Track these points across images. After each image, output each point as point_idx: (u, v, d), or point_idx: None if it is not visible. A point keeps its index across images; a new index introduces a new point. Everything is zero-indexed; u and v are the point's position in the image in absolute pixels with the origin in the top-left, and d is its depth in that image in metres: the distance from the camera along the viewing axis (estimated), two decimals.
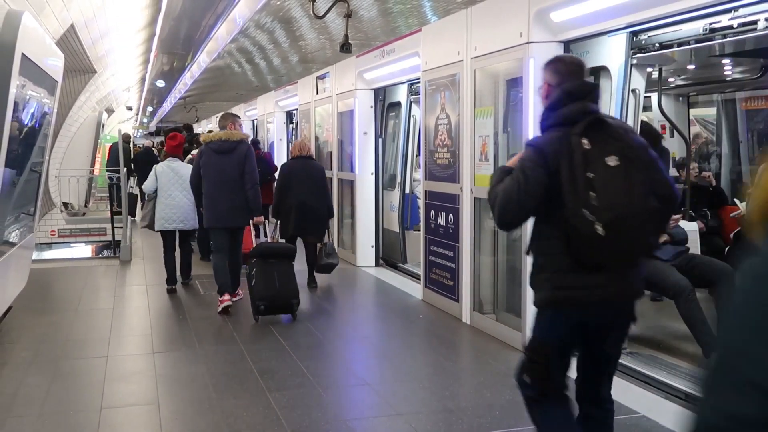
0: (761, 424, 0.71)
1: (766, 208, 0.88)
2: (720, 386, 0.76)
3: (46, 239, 14.80)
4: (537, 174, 2.97)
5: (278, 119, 15.72)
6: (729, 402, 0.75)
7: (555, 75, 3.20)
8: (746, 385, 0.74)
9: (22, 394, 4.98)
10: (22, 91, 5.42)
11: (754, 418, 0.73)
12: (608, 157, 2.87)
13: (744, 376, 0.76)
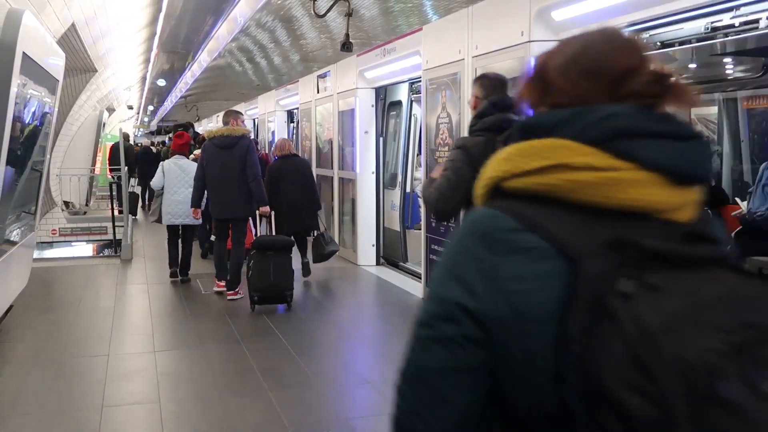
0: (433, 320, 1.13)
1: (487, 189, 1.18)
2: (428, 298, 1.18)
3: (47, 238, 14.80)
4: (463, 172, 3.45)
5: (279, 118, 15.73)
6: (427, 307, 1.17)
7: (481, 89, 3.78)
8: (436, 297, 1.16)
9: (24, 392, 4.98)
10: (23, 90, 5.42)
11: (431, 317, 1.15)
12: None
13: (433, 290, 1.17)
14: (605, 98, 1.15)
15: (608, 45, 1.18)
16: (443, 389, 1.12)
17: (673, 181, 1.12)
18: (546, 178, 1.11)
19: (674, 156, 1.12)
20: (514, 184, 1.14)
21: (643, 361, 0.93)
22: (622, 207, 1.09)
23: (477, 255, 1.12)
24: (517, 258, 1.09)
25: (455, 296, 1.12)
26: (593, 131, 1.11)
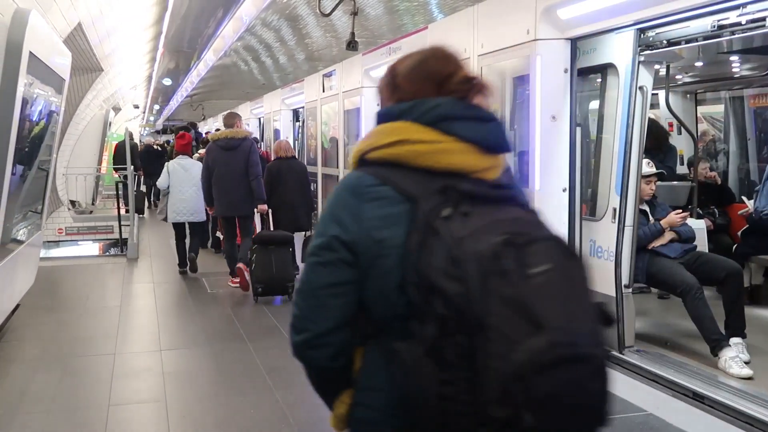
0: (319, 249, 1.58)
1: (356, 159, 1.67)
2: (315, 235, 1.62)
3: (53, 237, 14.85)
4: None
5: (285, 117, 15.72)
6: (315, 241, 1.61)
7: None
8: (320, 234, 1.59)
9: (31, 391, 5.00)
10: (30, 89, 5.44)
11: (317, 248, 1.59)
12: None
13: (318, 229, 1.61)
14: (434, 94, 1.66)
15: (436, 58, 1.72)
16: (326, 299, 1.59)
17: (481, 150, 1.62)
18: (394, 149, 1.61)
19: (480, 133, 1.62)
20: (374, 155, 1.63)
21: (455, 256, 1.41)
22: (447, 168, 1.58)
23: (348, 203, 1.60)
24: (375, 203, 1.58)
25: (334, 232, 1.58)
26: (425, 116, 1.61)
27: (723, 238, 7.11)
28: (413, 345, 1.43)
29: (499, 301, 1.36)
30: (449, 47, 1.77)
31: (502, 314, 1.36)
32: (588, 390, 1.41)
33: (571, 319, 1.41)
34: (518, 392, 1.33)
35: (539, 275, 1.40)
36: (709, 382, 4.74)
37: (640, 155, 5.35)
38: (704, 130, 9.73)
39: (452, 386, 1.37)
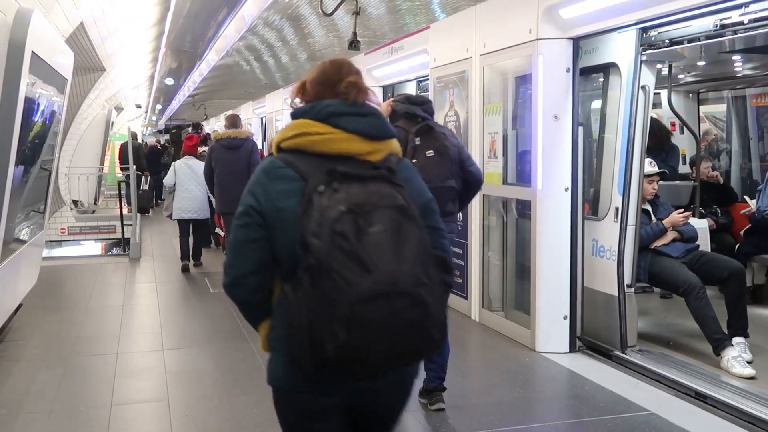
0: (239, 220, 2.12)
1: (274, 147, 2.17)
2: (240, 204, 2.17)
3: (56, 237, 14.85)
4: None
5: (287, 117, 15.74)
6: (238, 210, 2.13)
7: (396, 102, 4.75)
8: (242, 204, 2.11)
9: (33, 390, 5.00)
10: (32, 89, 5.44)
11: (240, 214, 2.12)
12: (428, 151, 4.40)
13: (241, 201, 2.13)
14: (330, 96, 2.16)
15: (331, 67, 2.22)
16: (244, 251, 2.11)
17: (364, 138, 2.11)
18: (297, 140, 2.12)
19: (360, 124, 2.11)
20: (284, 144, 2.15)
21: (318, 221, 1.91)
22: (337, 153, 2.08)
23: (261, 181, 2.12)
24: (279, 181, 2.09)
25: (250, 203, 2.11)
26: (319, 114, 2.12)
27: (725, 237, 7.10)
28: (296, 286, 1.95)
29: (341, 253, 1.88)
30: (345, 59, 2.28)
31: (343, 262, 1.88)
32: (404, 317, 1.91)
33: (395, 266, 1.89)
34: (350, 318, 1.87)
35: (374, 234, 1.91)
36: (712, 381, 4.74)
37: (642, 155, 5.35)
38: (706, 129, 9.72)
39: (314, 313, 1.90)
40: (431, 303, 1.95)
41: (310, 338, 1.91)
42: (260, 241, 2.10)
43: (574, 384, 5.04)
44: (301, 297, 1.92)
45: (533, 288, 5.71)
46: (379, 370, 2.01)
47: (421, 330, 1.96)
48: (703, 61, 7.41)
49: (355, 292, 1.87)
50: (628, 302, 5.38)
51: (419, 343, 1.98)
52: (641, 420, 4.27)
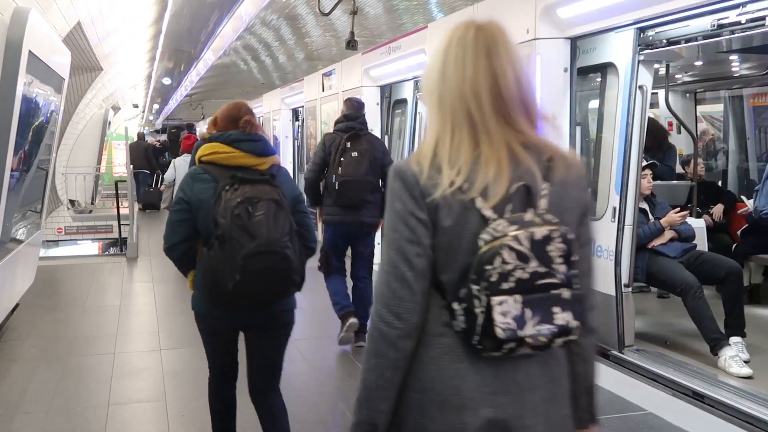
0: None
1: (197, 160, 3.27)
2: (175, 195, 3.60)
3: (53, 236, 14.83)
4: (322, 154, 5.80)
5: (284, 116, 15.73)
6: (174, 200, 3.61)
7: (344, 105, 6.16)
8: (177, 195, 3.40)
9: (30, 390, 5.00)
10: (30, 88, 5.43)
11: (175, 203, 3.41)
12: (353, 152, 5.66)
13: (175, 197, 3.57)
14: (233, 128, 3.26)
15: (234, 108, 3.32)
16: (175, 227, 3.21)
17: (254, 155, 3.20)
18: (211, 156, 3.20)
19: (252, 147, 3.20)
20: (203, 158, 3.21)
21: (224, 208, 2.99)
22: (237, 165, 3.16)
23: (188, 182, 3.18)
24: (200, 182, 3.15)
25: (181, 196, 3.18)
26: (225, 140, 3.21)
27: (723, 237, 7.11)
28: (209, 248, 3.05)
29: (237, 227, 2.97)
30: (244, 103, 3.45)
31: (238, 233, 2.97)
32: (277, 267, 3.03)
33: (270, 235, 2.99)
34: (242, 267, 2.95)
35: (257, 216, 2.99)
36: (709, 381, 4.74)
37: (639, 154, 5.35)
38: (704, 129, 9.73)
39: (221, 264, 3.00)
40: (293, 259, 3.08)
41: (217, 280, 3.02)
42: (186, 221, 3.20)
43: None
44: (213, 255, 3.03)
45: None
46: (261, 301, 3.17)
47: (286, 276, 3.07)
48: (701, 61, 7.42)
49: (245, 250, 2.95)
50: (625, 302, 5.38)
51: (285, 284, 3.10)
52: (639, 419, 4.28)
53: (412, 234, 1.63)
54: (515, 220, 1.59)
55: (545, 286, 1.58)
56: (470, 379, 1.62)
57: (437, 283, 1.66)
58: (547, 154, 1.68)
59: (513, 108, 1.66)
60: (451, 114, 1.69)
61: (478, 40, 1.78)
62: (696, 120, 9.31)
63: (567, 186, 1.68)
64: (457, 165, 1.62)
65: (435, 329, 1.65)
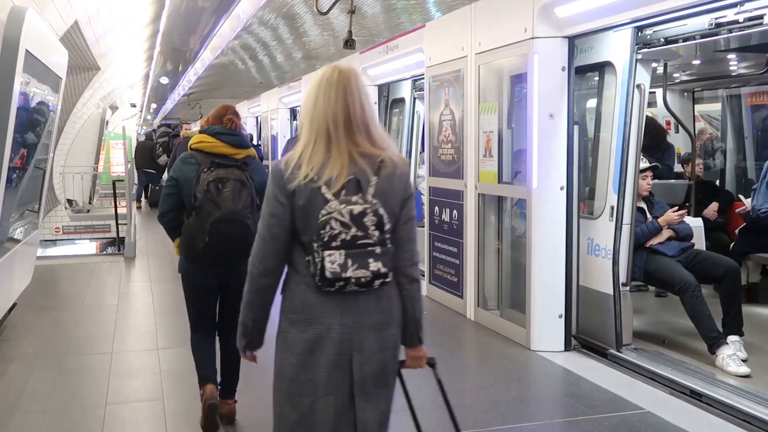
0: None
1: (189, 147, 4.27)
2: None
3: (50, 236, 14.83)
4: None
5: (282, 116, 15.73)
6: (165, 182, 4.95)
7: None
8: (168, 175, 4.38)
9: (28, 390, 4.99)
10: (27, 87, 5.43)
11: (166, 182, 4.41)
12: None
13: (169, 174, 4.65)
14: (219, 124, 4.12)
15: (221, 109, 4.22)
16: (167, 198, 4.08)
17: (231, 146, 4.05)
18: (199, 145, 4.06)
19: (230, 139, 4.05)
20: (192, 146, 4.09)
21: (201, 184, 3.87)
22: (218, 153, 4.01)
23: (178, 164, 4.07)
24: (187, 165, 4.02)
25: (172, 175, 4.08)
26: (210, 132, 4.07)
27: (720, 236, 7.12)
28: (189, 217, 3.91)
29: (208, 200, 3.81)
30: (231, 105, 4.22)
31: (209, 205, 3.80)
32: (237, 232, 3.80)
33: (233, 207, 3.81)
34: (209, 231, 3.79)
35: (225, 191, 3.82)
36: (707, 380, 4.75)
37: (637, 153, 5.36)
38: (701, 128, 9.74)
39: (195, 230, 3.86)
40: (251, 227, 3.70)
41: (193, 241, 3.90)
42: (174, 194, 4.04)
43: (570, 382, 5.04)
44: (190, 222, 3.91)
45: (528, 286, 5.71)
46: (227, 259, 3.93)
47: (245, 239, 3.53)
48: (698, 60, 7.42)
49: (212, 218, 3.79)
50: (623, 301, 5.39)
51: (244, 247, 2.96)
52: (636, 418, 4.28)
53: (274, 210, 2.41)
54: (344, 201, 2.34)
55: (363, 244, 2.35)
56: (324, 305, 2.41)
57: (301, 243, 2.44)
58: (379, 159, 2.44)
59: (357, 128, 2.43)
60: (316, 131, 2.42)
61: (339, 81, 2.44)
62: (694, 119, 9.32)
63: (392, 180, 2.44)
64: (312, 164, 2.39)
65: (301, 272, 2.44)
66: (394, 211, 2.44)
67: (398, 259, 2.49)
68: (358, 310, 2.45)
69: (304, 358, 2.47)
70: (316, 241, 2.34)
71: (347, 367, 2.46)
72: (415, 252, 2.57)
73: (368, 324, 2.47)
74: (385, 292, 2.48)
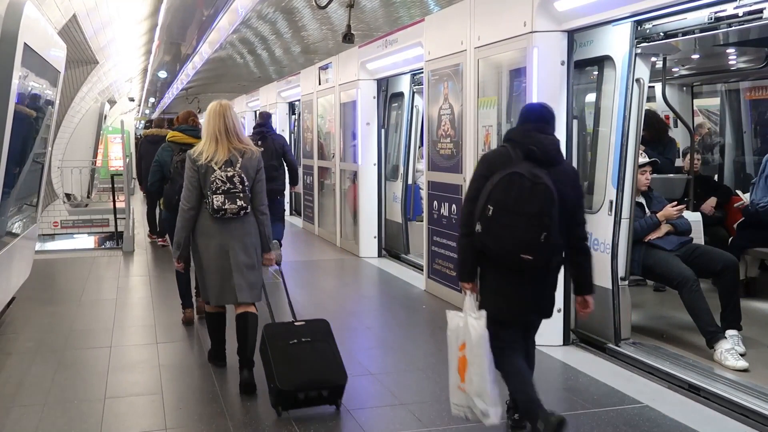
0: None
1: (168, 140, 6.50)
2: None
3: (48, 230, 14.82)
4: None
5: (281, 110, 15.72)
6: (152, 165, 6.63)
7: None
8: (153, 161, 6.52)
9: (27, 383, 4.99)
10: (25, 81, 5.41)
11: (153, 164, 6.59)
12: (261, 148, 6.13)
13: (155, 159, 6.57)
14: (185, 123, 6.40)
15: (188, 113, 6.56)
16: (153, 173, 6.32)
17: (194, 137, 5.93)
18: (173, 138, 6.25)
19: (193, 133, 6.10)
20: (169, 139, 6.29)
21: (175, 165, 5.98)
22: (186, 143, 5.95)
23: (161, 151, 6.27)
24: (165, 151, 6.23)
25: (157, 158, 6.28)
26: (179, 129, 6.30)
27: (719, 230, 7.12)
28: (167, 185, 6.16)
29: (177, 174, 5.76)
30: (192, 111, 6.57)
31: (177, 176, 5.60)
32: None
33: None
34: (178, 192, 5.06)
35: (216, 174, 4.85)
36: (705, 374, 4.76)
37: (636, 148, 5.35)
38: (700, 123, 9.74)
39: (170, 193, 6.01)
40: None
41: (170, 200, 5.95)
42: (158, 171, 6.14)
43: (568, 377, 5.05)
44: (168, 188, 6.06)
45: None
46: None
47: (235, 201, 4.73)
48: (698, 54, 7.42)
49: (178, 185, 5.05)
50: (621, 295, 5.39)
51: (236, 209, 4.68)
52: (635, 412, 4.28)
53: (191, 175, 4.65)
54: (223, 170, 4.58)
55: (233, 192, 4.57)
56: (214, 226, 4.67)
57: (203, 193, 4.63)
58: (243, 150, 4.69)
59: (231, 135, 4.68)
60: (210, 137, 4.67)
61: (220, 110, 4.71)
62: (693, 114, 9.31)
63: (250, 160, 4.69)
64: (208, 153, 4.62)
65: (204, 208, 4.66)
66: (250, 176, 4.69)
67: (254, 201, 4.76)
68: (231, 227, 4.70)
69: (204, 248, 4.77)
70: (209, 191, 4.59)
71: (226, 257, 4.71)
72: (264, 198, 4.81)
73: (236, 235, 4.71)
74: (246, 219, 4.72)
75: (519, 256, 3.58)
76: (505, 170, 3.59)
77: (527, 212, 3.51)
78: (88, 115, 19.23)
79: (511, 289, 3.77)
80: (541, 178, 3.53)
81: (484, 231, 3.61)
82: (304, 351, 4.40)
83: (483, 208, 3.60)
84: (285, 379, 4.22)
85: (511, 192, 3.53)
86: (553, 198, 3.52)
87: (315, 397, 4.33)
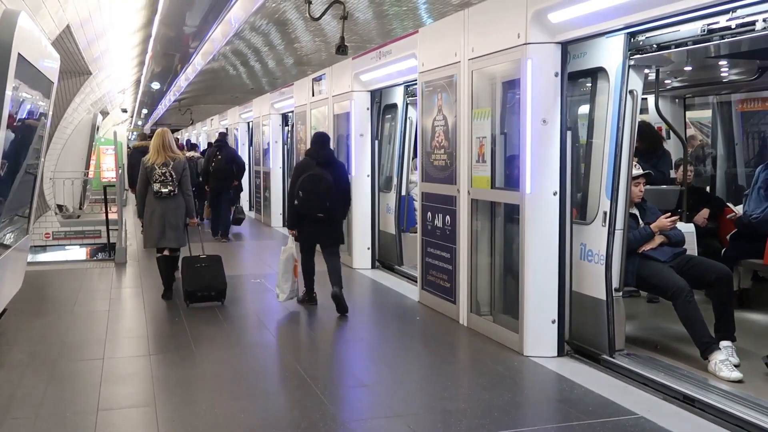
0: None
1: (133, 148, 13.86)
2: None
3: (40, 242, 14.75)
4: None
5: (274, 121, 15.71)
6: None
7: None
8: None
9: (19, 396, 4.95)
10: (18, 92, 5.39)
11: None
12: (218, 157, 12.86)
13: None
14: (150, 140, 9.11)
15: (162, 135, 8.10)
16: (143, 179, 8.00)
17: None
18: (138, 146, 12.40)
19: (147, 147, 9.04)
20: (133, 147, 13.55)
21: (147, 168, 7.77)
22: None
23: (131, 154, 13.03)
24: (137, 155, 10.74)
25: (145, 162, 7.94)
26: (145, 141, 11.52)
27: (712, 241, 7.14)
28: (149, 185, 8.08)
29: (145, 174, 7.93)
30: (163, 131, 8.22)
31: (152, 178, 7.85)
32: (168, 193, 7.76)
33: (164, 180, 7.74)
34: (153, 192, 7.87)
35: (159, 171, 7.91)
36: (699, 385, 4.76)
37: (630, 159, 5.37)
38: (692, 134, 9.78)
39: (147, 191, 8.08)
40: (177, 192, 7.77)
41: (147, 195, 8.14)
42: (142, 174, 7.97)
43: (563, 388, 5.04)
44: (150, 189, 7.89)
45: (522, 292, 5.71)
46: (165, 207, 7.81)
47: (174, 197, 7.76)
48: (690, 66, 7.46)
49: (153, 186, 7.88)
50: (616, 306, 5.39)
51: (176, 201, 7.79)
52: (630, 423, 4.28)
53: (142, 174, 7.80)
54: (162, 168, 7.69)
55: (166, 182, 7.68)
56: (156, 201, 7.70)
57: (151, 183, 7.70)
58: (174, 157, 7.78)
59: (167, 148, 7.78)
60: (155, 150, 7.80)
61: (160, 133, 7.91)
62: (685, 125, 9.36)
63: (177, 164, 7.75)
64: (153, 159, 7.72)
65: (151, 192, 7.73)
66: (178, 172, 7.67)
67: (182, 188, 7.69)
68: (167, 204, 7.66)
69: (149, 214, 7.69)
70: (153, 180, 7.60)
71: (162, 220, 7.64)
72: (188, 186, 7.79)
73: (168, 207, 7.67)
74: (175, 198, 7.67)
75: (316, 214, 7.06)
76: (306, 172, 7.06)
77: (318, 192, 6.98)
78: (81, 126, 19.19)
79: (312, 229, 7.22)
80: (326, 174, 7.02)
81: (299, 203, 7.08)
82: (203, 270, 7.73)
83: (298, 192, 7.04)
84: (190, 284, 7.59)
85: (311, 183, 7.01)
86: (332, 185, 6.98)
87: (207, 296, 7.65)
